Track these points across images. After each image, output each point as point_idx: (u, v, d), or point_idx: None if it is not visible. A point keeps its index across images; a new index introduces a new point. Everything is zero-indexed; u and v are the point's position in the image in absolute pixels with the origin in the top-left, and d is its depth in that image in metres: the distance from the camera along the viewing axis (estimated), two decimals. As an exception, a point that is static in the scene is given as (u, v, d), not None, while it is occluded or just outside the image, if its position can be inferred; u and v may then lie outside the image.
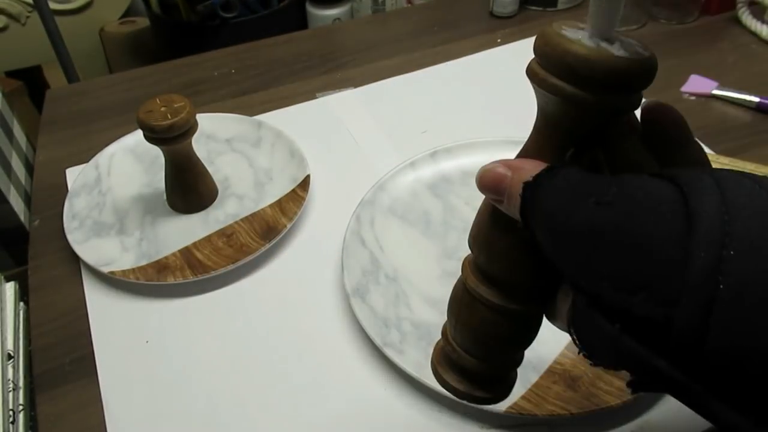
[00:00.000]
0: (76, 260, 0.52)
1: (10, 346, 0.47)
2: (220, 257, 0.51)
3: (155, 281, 0.49)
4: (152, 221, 0.55)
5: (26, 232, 0.58)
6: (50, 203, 0.58)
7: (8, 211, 0.60)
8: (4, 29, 1.32)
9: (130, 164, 0.61)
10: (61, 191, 0.59)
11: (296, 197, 0.55)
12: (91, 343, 0.47)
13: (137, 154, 0.61)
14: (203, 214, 0.56)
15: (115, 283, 0.51)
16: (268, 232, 0.53)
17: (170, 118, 0.48)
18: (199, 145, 0.54)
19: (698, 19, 0.81)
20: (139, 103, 0.50)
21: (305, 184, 0.56)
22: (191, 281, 0.49)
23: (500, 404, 0.40)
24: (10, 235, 0.61)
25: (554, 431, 0.40)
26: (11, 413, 0.43)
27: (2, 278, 0.51)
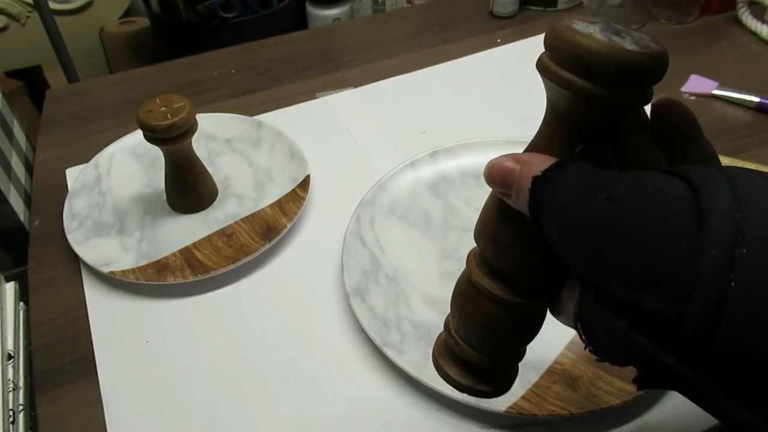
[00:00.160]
0: (76, 260, 0.52)
1: (10, 346, 0.47)
2: (220, 257, 0.51)
3: (155, 281, 0.49)
4: (152, 221, 0.55)
5: (26, 232, 0.58)
6: (50, 203, 0.58)
7: (8, 211, 0.60)
8: (4, 29, 1.32)
9: (130, 164, 0.61)
10: (61, 191, 0.59)
11: (296, 197, 0.55)
12: (91, 343, 0.47)
13: (137, 154, 0.61)
14: (203, 214, 0.56)
15: (115, 283, 0.51)
16: (268, 232, 0.53)
17: (170, 118, 0.48)
18: (199, 145, 0.54)
19: (698, 19, 0.81)
20: (139, 103, 0.50)
21: (305, 184, 0.56)
22: (191, 281, 0.49)
23: (500, 404, 0.40)
24: (10, 235, 0.61)
25: (554, 431, 0.40)
26: (11, 413, 0.43)
27: (2, 278, 0.51)
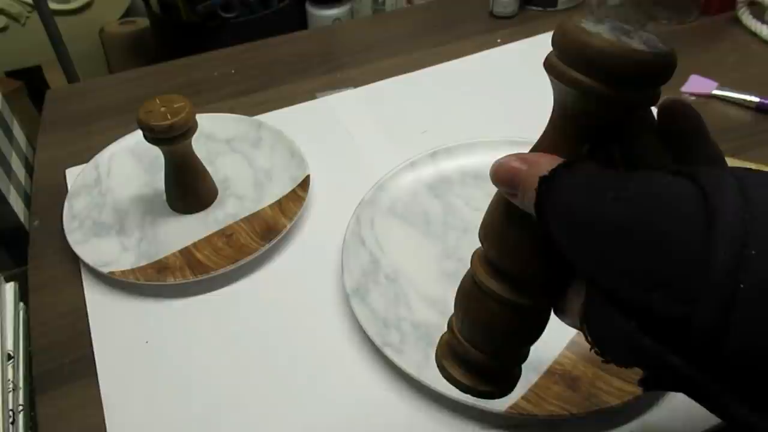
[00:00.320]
0: (76, 260, 0.52)
1: (10, 346, 0.47)
2: (220, 257, 0.51)
3: (155, 281, 0.49)
4: (152, 221, 0.55)
5: (26, 232, 0.58)
6: (50, 203, 0.58)
7: (8, 211, 0.60)
8: (4, 29, 1.32)
9: (130, 164, 0.61)
10: (61, 191, 0.59)
11: (296, 197, 0.55)
12: (91, 343, 0.47)
13: (137, 154, 0.61)
14: (203, 214, 0.56)
15: (115, 283, 0.51)
16: (268, 232, 0.53)
17: (170, 118, 0.48)
18: (199, 145, 0.54)
19: (698, 19, 0.81)
20: (139, 103, 0.50)
21: (305, 184, 0.56)
22: (191, 281, 0.49)
23: (500, 404, 0.40)
24: (10, 235, 0.61)
25: (554, 431, 0.40)
26: (11, 413, 0.43)
27: (2, 278, 0.51)
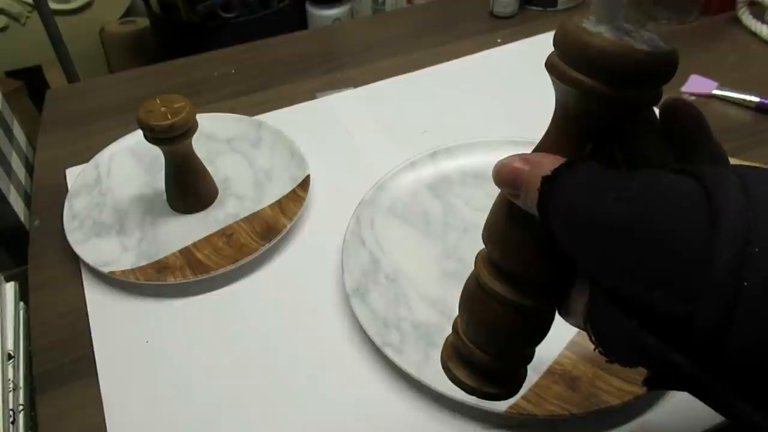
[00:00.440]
0: (76, 260, 0.52)
1: (10, 346, 0.47)
2: (220, 257, 0.51)
3: (155, 281, 0.49)
4: (152, 221, 0.55)
5: (26, 232, 0.58)
6: (50, 203, 0.58)
7: (8, 211, 0.60)
8: (4, 29, 1.32)
9: (130, 164, 0.61)
10: (61, 191, 0.59)
11: (296, 197, 0.55)
12: (91, 343, 0.47)
13: (137, 154, 0.61)
14: (203, 214, 0.56)
15: (115, 283, 0.51)
16: (268, 232, 0.53)
17: (170, 118, 0.48)
18: (199, 145, 0.54)
19: (698, 19, 0.81)
20: (139, 103, 0.50)
21: (305, 184, 0.56)
22: (191, 281, 0.49)
23: (500, 404, 0.40)
24: (10, 235, 0.61)
25: (554, 431, 0.40)
26: (11, 413, 0.43)
27: (2, 278, 0.51)
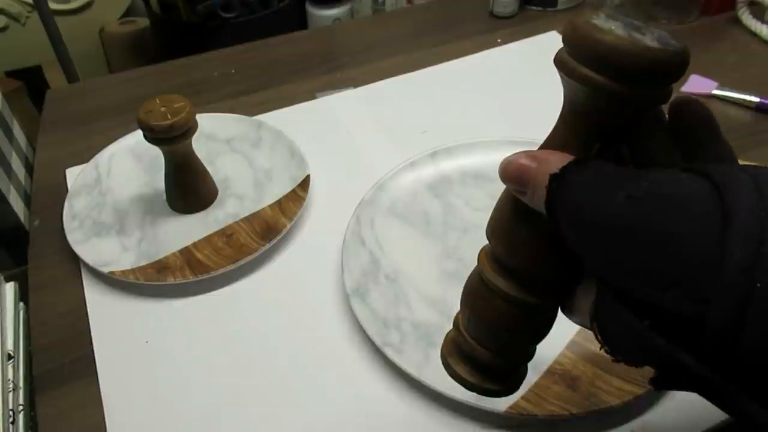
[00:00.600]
0: (76, 260, 0.52)
1: (10, 346, 0.47)
2: (220, 257, 0.51)
3: (155, 281, 0.49)
4: (152, 221, 0.55)
5: (26, 232, 0.58)
6: (50, 203, 0.58)
7: (8, 211, 0.60)
8: (4, 29, 1.32)
9: (130, 164, 0.61)
10: (61, 191, 0.59)
11: (296, 197, 0.55)
12: (91, 343, 0.47)
13: (137, 154, 0.61)
14: (203, 214, 0.56)
15: (115, 283, 0.51)
16: (268, 232, 0.53)
17: (170, 118, 0.48)
18: (199, 145, 0.54)
19: (698, 19, 0.81)
20: (139, 103, 0.50)
21: (305, 184, 0.56)
22: (191, 281, 0.49)
23: (500, 404, 0.40)
24: (10, 235, 0.61)
25: (554, 431, 0.40)
26: (11, 413, 0.43)
27: (2, 278, 0.51)
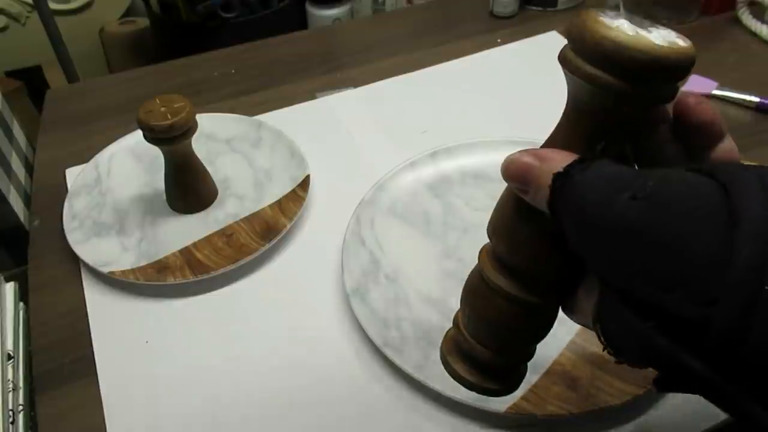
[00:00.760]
0: (76, 260, 0.52)
1: (10, 346, 0.47)
2: (220, 257, 0.51)
3: (155, 281, 0.49)
4: (152, 221, 0.55)
5: (26, 232, 0.58)
6: (50, 203, 0.58)
7: (8, 211, 0.60)
8: (4, 29, 1.32)
9: (130, 164, 0.61)
10: (61, 191, 0.59)
11: (296, 197, 0.55)
12: (91, 343, 0.47)
13: (137, 154, 0.61)
14: (203, 214, 0.56)
15: (115, 283, 0.51)
16: (268, 232, 0.53)
17: (170, 118, 0.48)
18: (199, 145, 0.54)
19: (698, 19, 0.81)
20: (139, 103, 0.50)
21: (305, 184, 0.56)
22: (191, 281, 0.49)
23: (500, 404, 0.40)
24: (10, 235, 0.61)
25: (554, 431, 0.40)
26: (11, 413, 0.43)
27: (2, 278, 0.51)
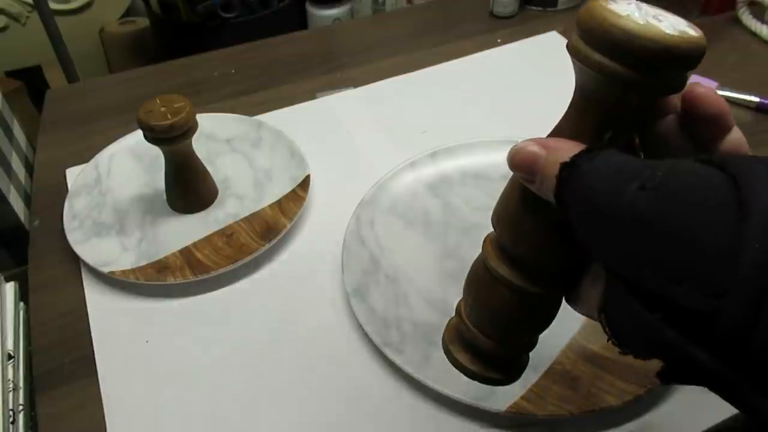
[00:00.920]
0: (76, 260, 0.52)
1: (10, 346, 0.47)
2: (220, 257, 0.51)
3: (155, 281, 0.49)
4: (152, 221, 0.55)
5: (26, 232, 0.58)
6: (50, 203, 0.58)
7: (8, 211, 0.60)
8: (4, 29, 1.32)
9: (130, 164, 0.61)
10: (61, 191, 0.59)
11: (296, 197, 0.55)
12: (91, 343, 0.47)
13: (137, 154, 0.61)
14: (203, 214, 0.56)
15: (115, 283, 0.51)
16: (268, 232, 0.53)
17: (170, 118, 0.48)
18: (199, 145, 0.54)
19: (698, 19, 0.81)
20: (139, 103, 0.50)
21: (305, 184, 0.56)
22: (191, 281, 0.49)
23: (500, 404, 0.40)
24: (10, 235, 0.61)
25: (554, 431, 0.40)
26: (11, 413, 0.43)
27: (2, 278, 0.51)
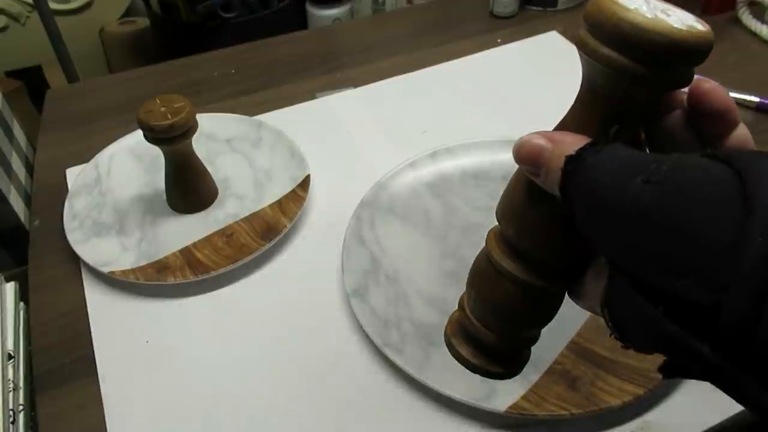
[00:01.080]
0: (76, 260, 0.52)
1: (10, 346, 0.47)
2: (220, 257, 0.51)
3: (155, 281, 0.49)
4: (152, 221, 0.55)
5: (26, 232, 0.58)
6: (50, 203, 0.58)
7: (8, 211, 0.60)
8: (4, 29, 1.32)
9: (130, 164, 0.61)
10: (61, 191, 0.59)
11: (296, 197, 0.55)
12: (91, 343, 0.47)
13: (137, 154, 0.61)
14: (203, 214, 0.56)
15: (115, 283, 0.51)
16: (268, 232, 0.53)
17: (170, 118, 0.48)
18: (199, 145, 0.54)
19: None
20: (139, 103, 0.50)
21: (305, 184, 0.56)
22: (191, 281, 0.49)
23: (500, 404, 0.40)
24: (10, 235, 0.61)
25: (554, 431, 0.40)
26: (11, 413, 0.43)
27: (2, 278, 0.51)
